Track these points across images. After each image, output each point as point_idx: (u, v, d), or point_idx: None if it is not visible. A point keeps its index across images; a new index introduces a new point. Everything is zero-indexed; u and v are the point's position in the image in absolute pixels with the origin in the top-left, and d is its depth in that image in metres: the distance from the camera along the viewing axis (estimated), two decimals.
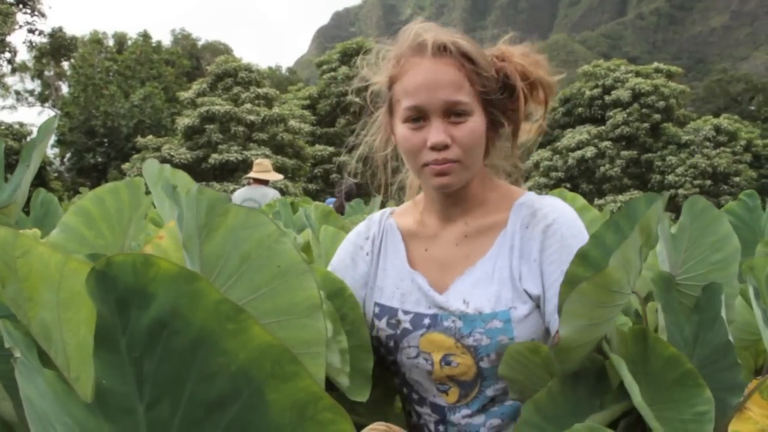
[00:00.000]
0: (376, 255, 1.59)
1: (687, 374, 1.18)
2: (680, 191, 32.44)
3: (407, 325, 1.47)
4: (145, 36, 41.15)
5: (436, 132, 1.38)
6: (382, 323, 1.50)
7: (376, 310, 1.53)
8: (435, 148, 1.38)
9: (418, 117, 1.40)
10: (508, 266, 1.43)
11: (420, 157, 1.41)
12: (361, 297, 1.56)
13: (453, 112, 1.38)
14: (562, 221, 1.42)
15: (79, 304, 0.64)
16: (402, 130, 1.43)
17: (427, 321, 1.45)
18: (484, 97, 1.42)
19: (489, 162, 1.54)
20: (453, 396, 1.46)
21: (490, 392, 1.44)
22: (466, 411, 1.45)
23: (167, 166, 1.64)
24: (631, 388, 1.12)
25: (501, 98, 1.46)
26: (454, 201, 1.49)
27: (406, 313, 1.48)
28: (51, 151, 34.25)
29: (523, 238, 1.44)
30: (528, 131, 1.55)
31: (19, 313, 0.69)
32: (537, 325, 1.40)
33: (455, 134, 1.38)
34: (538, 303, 1.40)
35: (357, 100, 1.59)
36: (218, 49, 49.94)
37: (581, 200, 2.65)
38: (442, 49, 1.40)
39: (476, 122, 1.40)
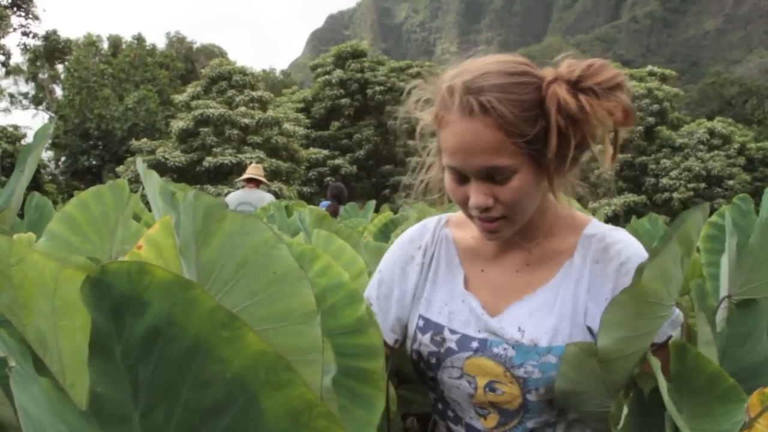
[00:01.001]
0: (427, 265, 1.51)
1: (730, 390, 1.18)
2: (674, 195, 32.53)
3: (452, 345, 1.41)
4: (140, 39, 41.10)
5: (476, 195, 1.29)
6: (425, 338, 1.44)
7: (421, 323, 1.46)
8: (477, 208, 1.31)
9: (459, 177, 1.31)
10: (572, 299, 1.36)
11: (465, 209, 1.35)
12: (409, 305, 1.50)
13: (492, 176, 1.28)
14: (635, 259, 1.33)
15: (74, 311, 0.64)
16: (448, 179, 1.35)
17: (474, 344, 1.39)
18: (530, 152, 1.26)
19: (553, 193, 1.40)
20: (491, 422, 1.41)
21: (530, 424, 1.38)
22: None
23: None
24: (662, 387, 1.12)
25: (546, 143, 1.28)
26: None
27: (452, 332, 1.42)
28: (45, 154, 34.18)
29: (593, 273, 1.37)
30: (610, 157, 1.39)
31: (14, 320, 0.69)
32: None
33: (498, 194, 1.29)
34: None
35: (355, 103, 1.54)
36: (212, 52, 49.91)
37: (576, 204, 2.65)
38: (471, 110, 1.25)
39: (521, 179, 1.28)
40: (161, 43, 50.95)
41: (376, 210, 6.24)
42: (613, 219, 29.71)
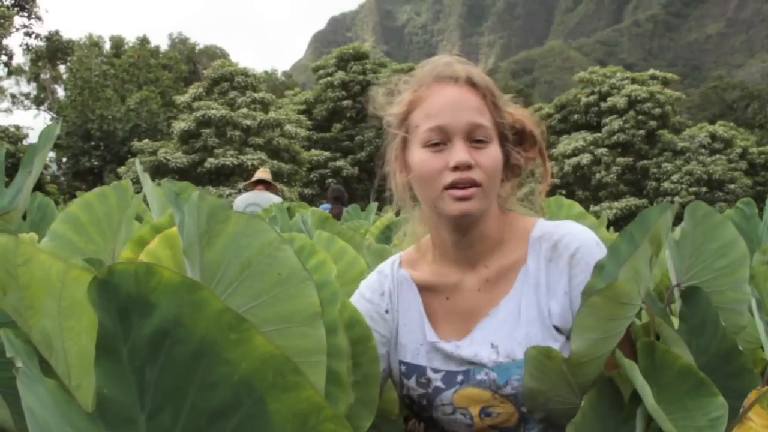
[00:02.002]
0: (396, 310, 1.50)
1: (700, 384, 1.17)
2: (676, 199, 32.49)
3: (439, 384, 1.42)
4: (143, 40, 41.14)
5: (460, 152, 1.33)
6: (411, 382, 1.45)
7: (403, 368, 1.46)
8: (458, 168, 1.33)
9: (439, 139, 1.35)
10: (536, 304, 1.38)
11: (440, 179, 1.35)
12: (384, 354, 1.48)
13: (475, 136, 1.35)
14: (584, 249, 1.37)
15: (80, 312, 0.64)
16: (420, 154, 1.38)
17: (459, 377, 1.40)
18: (501, 130, 1.41)
19: (500, 199, 1.48)
20: None
21: None
22: None
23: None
24: (644, 390, 1.12)
25: (515, 138, 1.45)
26: (469, 243, 1.43)
27: (435, 371, 1.43)
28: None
29: (549, 273, 1.39)
30: (540, 192, 1.56)
31: (20, 321, 0.69)
32: None
33: (478, 158, 1.34)
34: (568, 336, 1.33)
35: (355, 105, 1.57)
36: (215, 54, 49.93)
37: (578, 207, 2.65)
38: (464, 79, 1.39)
39: (496, 150, 1.38)
40: (165, 45, 50.89)
41: (377, 211, 6.24)
42: (615, 223, 29.72)
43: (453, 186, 1.34)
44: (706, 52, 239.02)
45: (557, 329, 1.36)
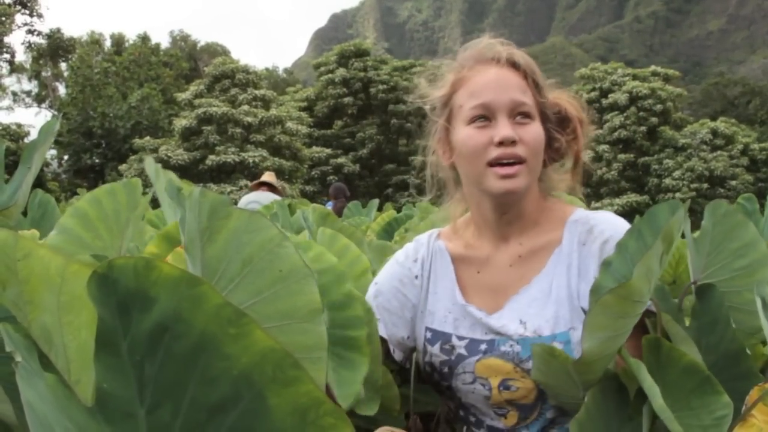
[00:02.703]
0: (426, 278, 1.55)
1: (705, 381, 1.17)
2: (677, 195, 32.48)
3: (462, 351, 1.44)
4: (144, 38, 41.10)
5: (504, 127, 1.37)
6: (435, 348, 1.47)
7: (428, 335, 1.49)
8: (503, 143, 1.37)
9: (484, 116, 1.40)
10: (566, 285, 1.41)
11: (485, 155, 1.39)
12: (409, 320, 1.53)
13: (519, 113, 1.40)
14: (618, 237, 1.36)
15: (80, 307, 0.64)
16: (465, 131, 1.42)
17: (483, 347, 1.42)
18: (543, 109, 1.45)
19: (543, 184, 1.53)
20: (512, 419, 1.43)
21: (550, 414, 1.41)
22: None
23: (159, 166, 1.63)
24: (652, 391, 1.11)
25: (557, 120, 1.50)
26: (509, 220, 1.46)
27: (460, 338, 1.45)
28: (48, 152, 34.13)
29: (581, 256, 1.42)
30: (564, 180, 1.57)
31: (19, 315, 0.69)
32: None
33: (521, 134, 1.38)
34: None
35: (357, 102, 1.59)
36: (216, 51, 49.85)
37: (579, 203, 2.64)
38: (508, 61, 1.44)
39: (539, 127, 1.42)
40: (166, 43, 50.82)
41: (379, 209, 6.24)
42: None
43: (497, 162, 1.38)
44: (707, 48, 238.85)
45: (584, 311, 1.37)
